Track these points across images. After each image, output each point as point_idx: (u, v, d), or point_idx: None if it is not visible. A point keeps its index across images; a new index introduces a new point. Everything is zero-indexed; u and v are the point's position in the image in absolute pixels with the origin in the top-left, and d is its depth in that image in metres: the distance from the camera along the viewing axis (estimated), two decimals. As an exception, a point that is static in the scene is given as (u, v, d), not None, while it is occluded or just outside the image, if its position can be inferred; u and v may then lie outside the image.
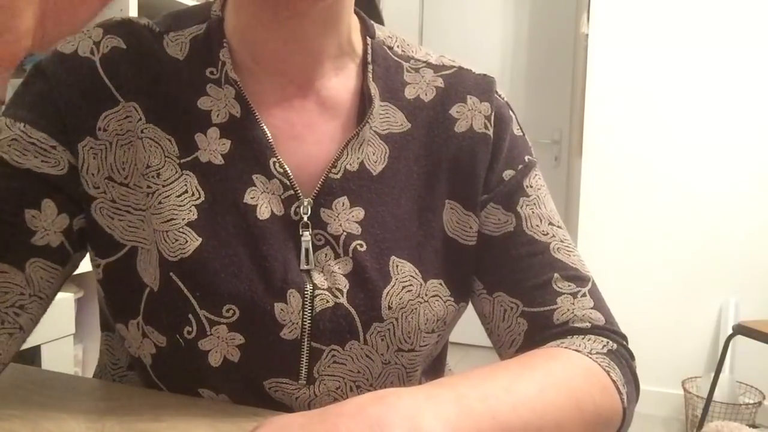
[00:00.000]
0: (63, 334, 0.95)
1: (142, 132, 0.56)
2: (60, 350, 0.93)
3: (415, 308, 0.56)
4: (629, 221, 2.62)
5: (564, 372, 0.51)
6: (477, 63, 0.64)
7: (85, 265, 0.59)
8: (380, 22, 0.71)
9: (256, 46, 0.58)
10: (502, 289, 0.60)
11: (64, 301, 0.95)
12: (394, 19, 3.36)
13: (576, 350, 0.54)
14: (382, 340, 0.55)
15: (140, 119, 0.56)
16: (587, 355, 0.54)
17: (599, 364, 0.54)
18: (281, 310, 0.53)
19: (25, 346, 0.86)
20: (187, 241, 0.54)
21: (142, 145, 0.56)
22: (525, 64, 3.33)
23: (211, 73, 0.57)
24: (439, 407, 0.42)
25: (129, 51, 0.57)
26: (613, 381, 0.53)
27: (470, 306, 0.64)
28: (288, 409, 0.56)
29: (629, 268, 2.63)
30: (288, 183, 0.56)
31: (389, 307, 0.55)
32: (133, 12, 1.50)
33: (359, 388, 0.56)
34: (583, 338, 0.57)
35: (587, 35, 2.65)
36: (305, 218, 0.55)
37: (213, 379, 0.55)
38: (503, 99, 0.64)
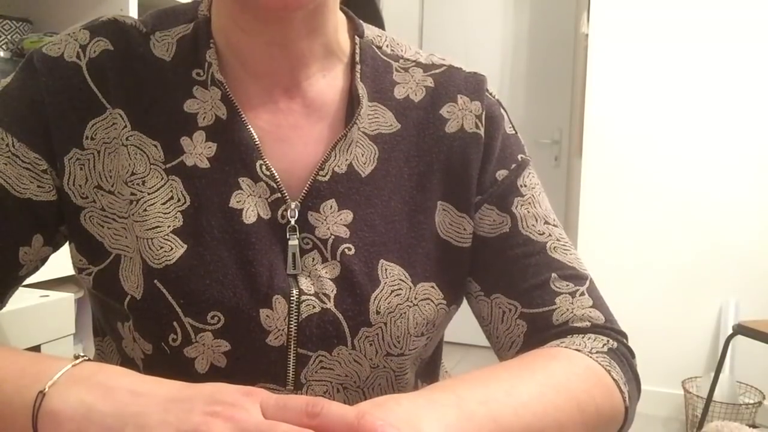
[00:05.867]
0: (63, 334, 0.95)
1: (126, 139, 0.55)
2: (60, 350, 0.93)
3: (405, 312, 0.55)
4: (629, 221, 2.62)
5: (564, 372, 0.51)
6: (477, 63, 0.64)
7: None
8: (380, 22, 0.71)
9: (238, 48, 0.57)
10: (499, 291, 0.59)
11: (64, 301, 0.95)
12: (394, 19, 3.35)
13: (576, 350, 0.54)
14: (371, 345, 0.55)
15: (125, 126, 0.55)
16: (588, 355, 0.54)
17: (600, 364, 0.53)
18: (267, 316, 0.53)
19: (25, 346, 0.87)
20: (172, 249, 0.53)
21: (127, 152, 0.55)
22: (525, 64, 3.33)
23: (198, 74, 0.57)
24: (439, 412, 0.42)
25: (116, 53, 0.57)
26: (614, 380, 0.53)
27: (469, 306, 0.64)
28: None
29: (629, 268, 2.62)
30: (275, 186, 0.55)
31: (377, 312, 0.54)
32: (133, 11, 1.50)
33: (346, 390, 0.56)
34: (583, 337, 0.56)
35: (587, 35, 2.65)
36: (292, 222, 0.54)
37: None
38: (494, 97, 0.63)
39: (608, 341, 0.56)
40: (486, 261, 0.60)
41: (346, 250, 0.55)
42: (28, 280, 0.60)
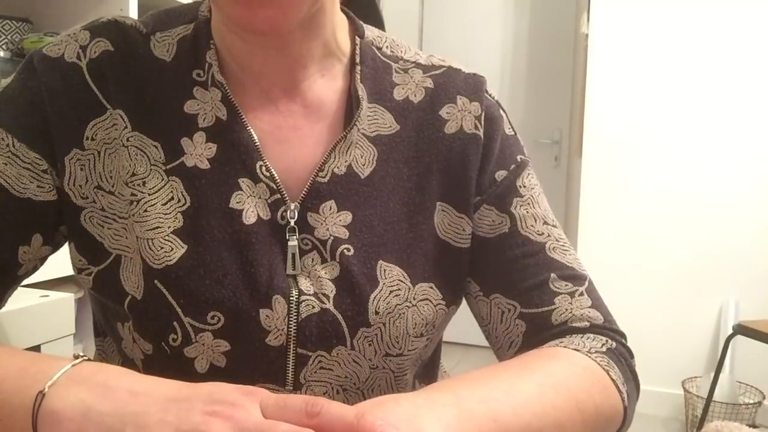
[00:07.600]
0: (63, 333, 0.95)
1: (127, 140, 0.55)
2: (60, 350, 0.93)
3: (403, 312, 0.55)
4: (629, 221, 2.62)
5: (563, 372, 0.51)
6: (477, 63, 0.64)
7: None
8: (380, 22, 0.71)
9: (234, 51, 0.57)
10: (498, 291, 0.59)
11: (64, 301, 0.95)
12: (394, 19, 3.35)
13: (575, 349, 0.54)
14: (370, 345, 0.55)
15: (126, 127, 0.56)
16: (586, 354, 0.54)
17: (598, 363, 0.54)
18: (266, 316, 0.53)
19: (25, 346, 0.87)
20: (172, 249, 0.53)
21: (127, 153, 0.55)
22: (525, 64, 3.33)
23: (198, 75, 0.57)
24: (439, 411, 0.42)
25: (117, 54, 0.57)
26: (613, 380, 0.53)
27: (468, 306, 0.64)
28: None
29: (629, 269, 2.62)
30: (275, 187, 0.55)
31: (376, 312, 0.54)
32: (133, 11, 1.50)
33: (346, 391, 0.56)
34: (582, 337, 0.56)
35: (587, 35, 2.65)
36: (292, 222, 0.55)
37: None
38: (493, 98, 0.63)
39: (607, 341, 0.57)
40: (485, 261, 0.60)
41: (345, 250, 0.55)
42: (28, 280, 0.60)
